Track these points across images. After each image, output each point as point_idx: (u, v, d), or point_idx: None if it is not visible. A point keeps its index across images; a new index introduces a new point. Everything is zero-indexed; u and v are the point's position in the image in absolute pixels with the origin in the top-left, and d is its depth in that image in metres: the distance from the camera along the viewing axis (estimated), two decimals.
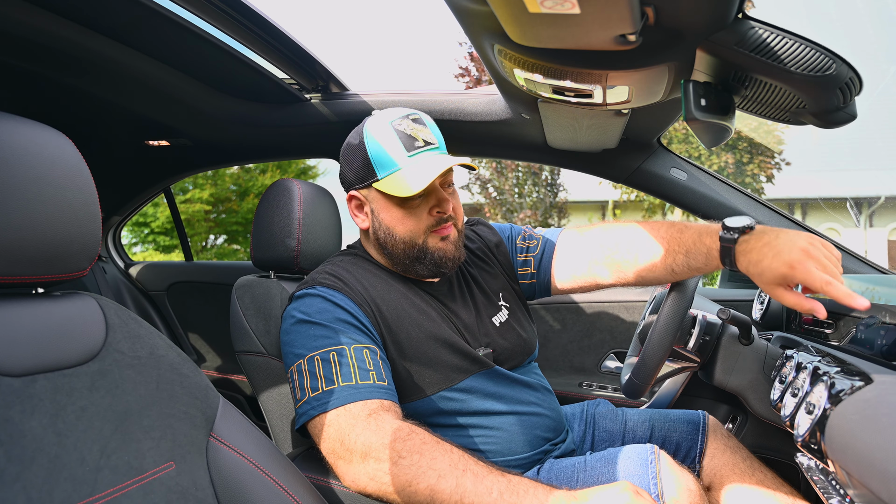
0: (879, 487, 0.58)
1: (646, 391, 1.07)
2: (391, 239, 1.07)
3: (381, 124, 1.05)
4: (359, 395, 0.90)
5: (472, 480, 0.81)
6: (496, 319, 1.16)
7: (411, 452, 0.84)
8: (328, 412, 0.89)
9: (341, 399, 0.90)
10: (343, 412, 0.89)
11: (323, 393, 0.91)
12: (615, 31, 0.74)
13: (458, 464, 0.83)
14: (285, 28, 1.31)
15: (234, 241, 9.36)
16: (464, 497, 0.80)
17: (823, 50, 0.77)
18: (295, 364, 0.96)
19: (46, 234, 0.63)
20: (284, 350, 1.00)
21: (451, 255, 1.08)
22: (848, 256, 1.44)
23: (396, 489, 0.83)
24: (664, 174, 1.56)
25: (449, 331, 1.06)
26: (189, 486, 0.69)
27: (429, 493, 0.82)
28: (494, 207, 10.46)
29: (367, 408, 0.89)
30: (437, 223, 1.06)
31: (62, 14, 1.16)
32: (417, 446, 0.85)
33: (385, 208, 1.06)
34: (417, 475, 0.82)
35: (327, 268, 1.08)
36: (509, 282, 1.25)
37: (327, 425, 0.89)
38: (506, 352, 1.12)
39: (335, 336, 0.95)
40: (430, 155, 1.04)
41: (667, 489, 0.90)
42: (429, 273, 1.09)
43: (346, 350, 0.94)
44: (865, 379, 0.73)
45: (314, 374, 0.93)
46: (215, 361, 2.46)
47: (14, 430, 0.57)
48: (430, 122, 1.09)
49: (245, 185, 8.95)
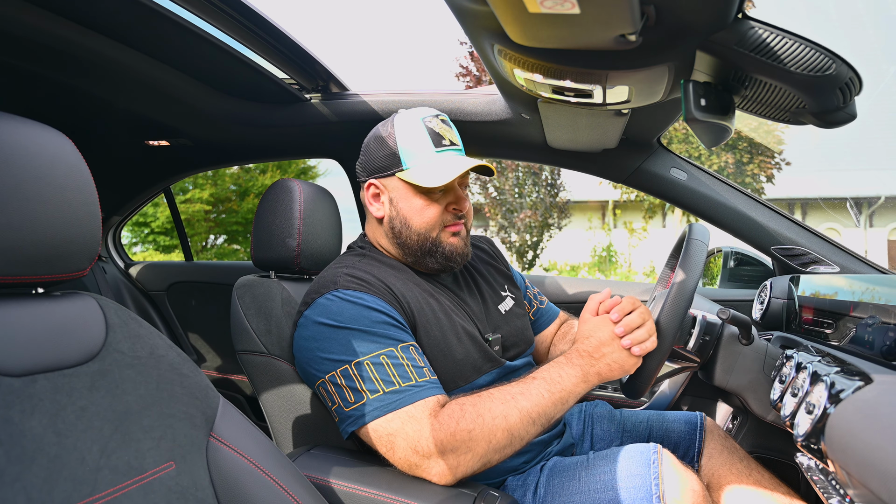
0: (879, 487, 0.58)
1: (646, 391, 1.06)
2: (406, 229, 1.10)
3: (412, 119, 1.10)
4: (420, 394, 0.92)
5: (524, 400, 0.92)
6: (502, 307, 1.22)
7: (473, 422, 0.89)
8: (392, 413, 0.91)
9: (406, 399, 0.92)
10: (406, 417, 0.91)
11: (385, 395, 0.92)
12: (615, 31, 0.74)
13: (505, 398, 0.92)
14: (285, 28, 1.31)
15: (234, 241, 9.35)
16: (531, 415, 0.91)
17: (823, 50, 0.77)
18: (338, 369, 0.95)
19: (46, 234, 0.63)
20: (311, 354, 0.99)
21: (461, 250, 1.12)
22: (848, 256, 1.44)
23: (483, 456, 0.90)
24: (664, 174, 1.56)
25: (467, 322, 1.10)
26: (189, 486, 0.69)
27: (507, 437, 0.90)
28: (494, 207, 10.45)
29: (428, 407, 0.92)
30: (452, 220, 1.11)
31: (62, 14, 1.16)
32: (472, 414, 0.90)
33: (405, 198, 1.09)
34: (490, 432, 0.89)
35: (343, 270, 1.06)
36: (513, 283, 1.31)
37: (393, 434, 0.91)
38: (512, 337, 1.18)
39: (380, 339, 0.95)
40: (455, 154, 1.09)
41: (669, 489, 0.90)
42: (438, 266, 1.12)
43: (394, 351, 0.95)
44: (865, 379, 0.74)
45: (368, 379, 0.93)
46: (215, 361, 2.47)
47: (14, 430, 0.57)
48: (454, 126, 1.15)
49: (245, 185, 8.95)
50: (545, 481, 1.01)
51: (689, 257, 1.03)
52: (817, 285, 1.24)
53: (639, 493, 0.91)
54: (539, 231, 10.39)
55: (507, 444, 0.90)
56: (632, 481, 0.93)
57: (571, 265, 12.20)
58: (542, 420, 0.92)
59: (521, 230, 10.34)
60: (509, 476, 1.06)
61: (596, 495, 0.94)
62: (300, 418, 1.15)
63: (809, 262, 1.46)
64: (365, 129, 1.23)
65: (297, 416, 1.15)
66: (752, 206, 1.51)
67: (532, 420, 0.91)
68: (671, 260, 1.31)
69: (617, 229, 12.56)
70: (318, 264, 1.31)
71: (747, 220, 1.50)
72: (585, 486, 0.96)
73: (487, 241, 1.39)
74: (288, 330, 1.16)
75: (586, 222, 12.16)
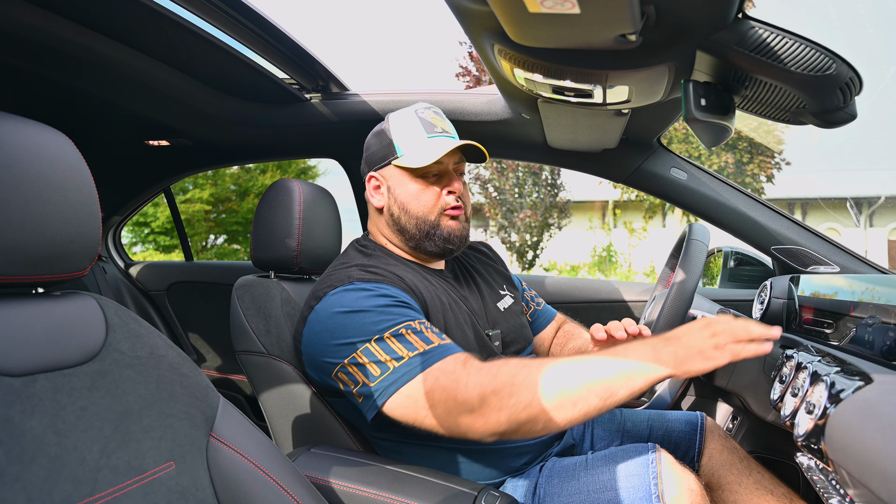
0: (879, 487, 0.58)
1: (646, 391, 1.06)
2: (405, 215, 1.12)
3: (406, 111, 1.15)
4: (448, 351, 0.90)
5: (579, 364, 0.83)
6: (500, 305, 1.23)
7: (517, 368, 0.84)
8: (422, 374, 0.87)
9: (434, 357, 0.88)
10: (439, 373, 0.87)
11: (411, 359, 0.89)
12: (615, 30, 0.75)
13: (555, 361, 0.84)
14: (285, 28, 1.31)
15: (234, 241, 9.36)
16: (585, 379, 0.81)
17: (823, 50, 0.77)
18: (359, 349, 0.92)
19: (46, 234, 0.63)
20: (326, 343, 0.97)
21: (459, 233, 1.13)
22: (848, 256, 1.44)
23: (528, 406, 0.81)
24: (664, 174, 1.56)
25: (470, 316, 1.11)
26: (189, 486, 0.69)
27: (557, 393, 0.81)
28: (494, 207, 10.45)
29: (458, 360, 0.88)
30: (450, 203, 1.12)
31: (62, 14, 1.16)
32: (516, 363, 0.85)
33: (401, 184, 1.12)
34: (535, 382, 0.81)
35: (353, 266, 1.06)
36: (511, 284, 1.33)
37: (429, 391, 0.86)
38: (511, 333, 1.19)
39: (398, 316, 0.94)
40: (447, 139, 1.12)
41: (668, 489, 0.90)
42: (437, 249, 1.12)
43: (412, 324, 0.93)
44: (865, 379, 0.73)
45: (391, 350, 0.90)
46: (215, 361, 2.47)
47: (14, 430, 0.57)
48: (448, 120, 1.19)
49: (245, 185, 8.95)
50: (545, 481, 1.01)
51: (689, 257, 1.03)
52: (817, 285, 1.24)
53: (638, 492, 0.91)
54: (539, 231, 10.40)
55: (557, 402, 0.80)
56: (631, 481, 0.93)
57: (571, 265, 12.20)
58: (600, 389, 0.81)
59: (521, 230, 10.34)
60: (509, 477, 1.06)
61: (595, 495, 0.94)
62: (300, 418, 1.15)
63: (809, 262, 1.46)
64: (365, 129, 1.24)
65: (297, 416, 1.15)
66: (752, 206, 1.51)
67: (587, 385, 0.81)
68: (671, 260, 1.32)
69: (617, 229, 12.56)
70: (317, 264, 1.31)
71: (747, 220, 1.50)
72: (585, 486, 0.96)
73: (486, 245, 1.41)
74: (288, 330, 1.16)
75: (586, 222, 12.15)
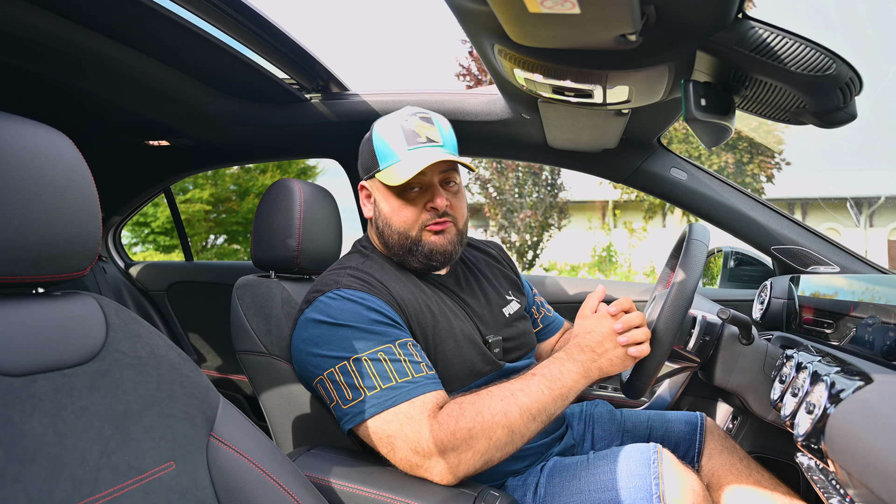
0: (879, 487, 0.58)
1: (646, 391, 1.06)
2: (388, 228, 1.10)
3: (390, 120, 1.10)
4: (419, 389, 0.92)
5: (524, 396, 0.92)
6: (506, 310, 1.21)
7: (473, 420, 0.89)
8: (389, 410, 0.91)
9: (403, 395, 0.91)
10: (405, 418, 0.90)
11: (383, 391, 0.91)
12: (615, 30, 0.74)
13: (505, 395, 0.92)
14: (285, 28, 1.31)
15: (234, 241, 9.35)
16: (531, 411, 0.91)
17: (823, 50, 0.77)
18: (336, 366, 0.95)
19: (46, 234, 0.63)
20: (309, 351, 0.99)
21: (441, 248, 1.09)
22: (848, 256, 1.44)
23: (484, 454, 0.89)
24: (664, 174, 1.56)
25: (468, 325, 1.10)
26: (189, 486, 0.69)
27: (508, 434, 0.90)
28: (494, 207, 10.44)
29: (427, 407, 0.91)
30: (431, 219, 1.09)
31: (62, 14, 1.16)
32: (471, 412, 0.90)
33: (385, 198, 1.11)
34: (490, 429, 0.89)
35: (346, 270, 1.07)
36: (518, 290, 1.31)
37: (393, 436, 0.90)
38: (514, 340, 1.17)
39: (378, 337, 0.95)
40: (429, 150, 1.06)
41: (669, 488, 0.90)
42: (420, 265, 1.11)
43: (391, 348, 0.95)
44: (865, 379, 0.74)
45: (367, 375, 0.93)
46: (215, 361, 2.47)
47: (14, 430, 0.57)
48: (441, 123, 1.12)
49: (245, 185, 8.95)
50: (545, 481, 1.01)
51: (689, 257, 1.03)
52: (817, 285, 1.24)
53: (639, 492, 0.91)
54: (539, 231, 10.39)
55: (508, 441, 0.90)
56: (632, 481, 0.93)
57: (571, 265, 12.20)
58: (543, 416, 0.92)
59: (521, 230, 10.33)
60: (509, 477, 1.06)
61: (596, 495, 0.94)
62: (300, 418, 1.15)
63: (809, 262, 1.46)
64: (365, 129, 1.23)
65: (297, 415, 1.15)
66: (752, 206, 1.51)
67: (532, 416, 0.91)
68: (671, 260, 1.31)
69: (617, 229, 12.55)
70: (318, 264, 1.31)
71: (747, 220, 1.50)
72: (585, 485, 0.96)
73: (497, 246, 1.39)
74: (288, 330, 1.16)
75: (586, 222, 12.14)
